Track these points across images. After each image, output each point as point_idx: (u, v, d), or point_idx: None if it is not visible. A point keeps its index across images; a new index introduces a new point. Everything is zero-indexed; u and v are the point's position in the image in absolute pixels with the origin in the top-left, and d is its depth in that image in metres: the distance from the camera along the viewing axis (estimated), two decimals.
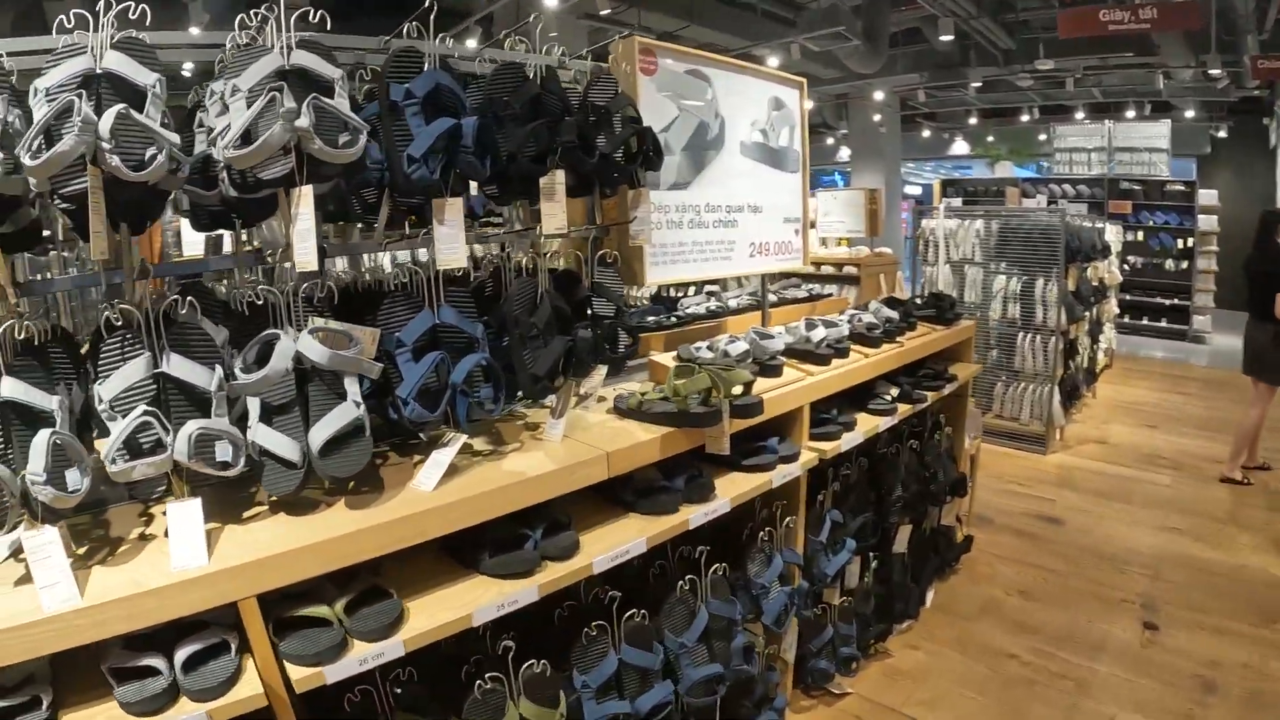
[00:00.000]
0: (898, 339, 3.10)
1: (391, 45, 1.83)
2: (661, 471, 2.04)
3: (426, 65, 1.72)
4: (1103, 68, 11.25)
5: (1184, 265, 10.75)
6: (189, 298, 1.48)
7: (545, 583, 1.66)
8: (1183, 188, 11.06)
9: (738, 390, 2.03)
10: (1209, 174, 13.44)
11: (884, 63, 11.16)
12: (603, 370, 2.12)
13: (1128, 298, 10.74)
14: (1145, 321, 11.06)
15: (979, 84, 12.35)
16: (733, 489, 2.16)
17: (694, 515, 2.00)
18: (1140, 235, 11.22)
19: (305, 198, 1.42)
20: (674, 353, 2.43)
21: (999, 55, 10.93)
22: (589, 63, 2.31)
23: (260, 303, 1.64)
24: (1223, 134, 13.96)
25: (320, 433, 1.48)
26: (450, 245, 1.65)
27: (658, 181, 2.45)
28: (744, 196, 2.85)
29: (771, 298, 3.70)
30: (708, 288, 3.71)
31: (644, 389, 2.17)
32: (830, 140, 19.55)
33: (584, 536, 1.83)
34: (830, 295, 4.58)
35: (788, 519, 2.40)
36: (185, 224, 2.34)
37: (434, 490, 1.58)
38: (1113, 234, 8.38)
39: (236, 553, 1.33)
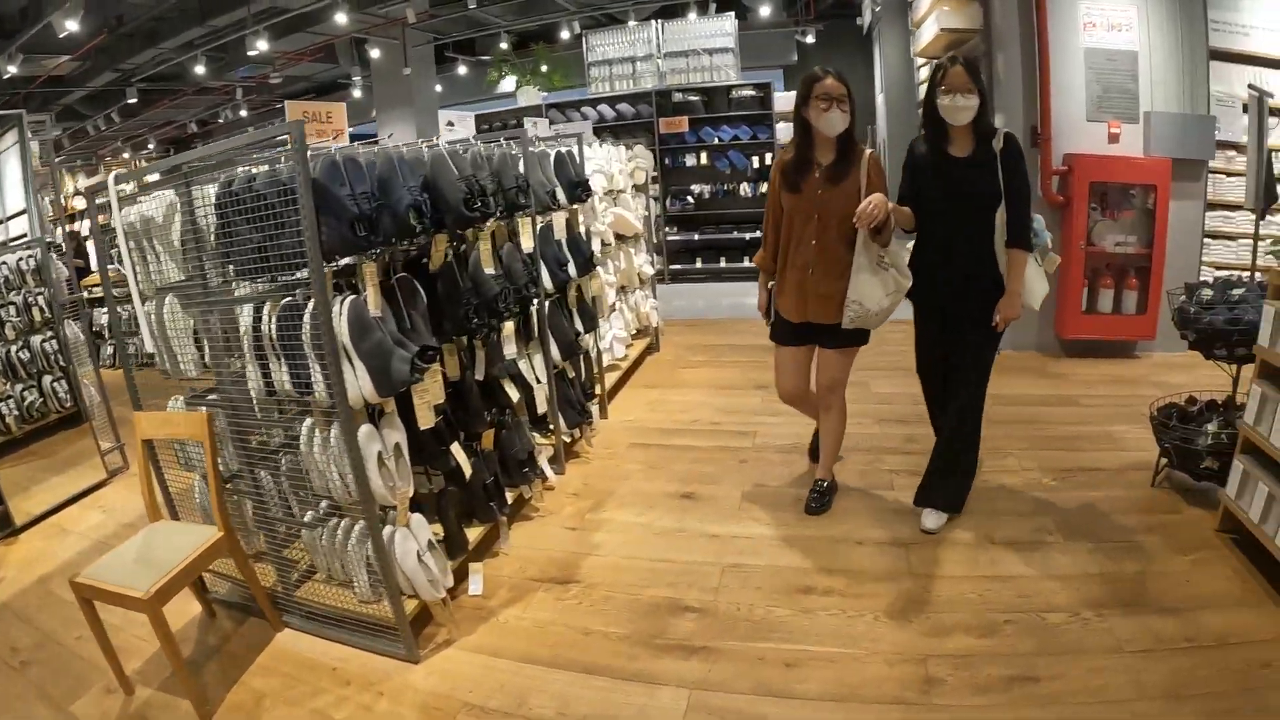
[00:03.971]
0: None
1: None
2: None
3: None
4: None
5: (763, 189, 9.36)
6: None
7: None
8: (754, 93, 9.57)
9: None
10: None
11: None
12: None
13: (695, 238, 9.89)
14: (723, 264, 9.80)
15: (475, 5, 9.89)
16: None
17: None
18: (704, 157, 9.60)
19: None
20: None
21: None
22: None
23: None
24: (811, 39, 12.81)
25: None
26: None
27: None
28: None
29: None
30: None
31: None
32: (358, 94, 16.68)
33: None
34: None
35: None
36: None
37: None
38: (618, 159, 5.68)
39: None
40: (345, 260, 2.80)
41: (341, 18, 10.09)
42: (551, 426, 4.25)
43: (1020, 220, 3.14)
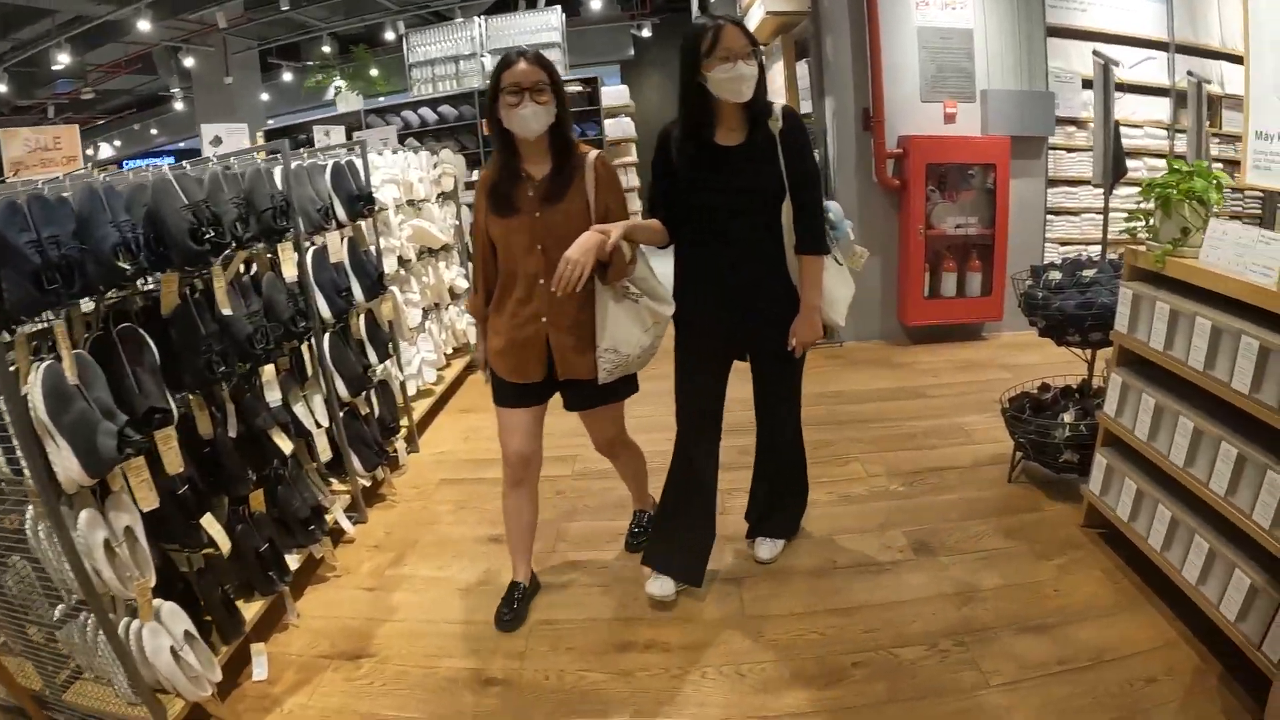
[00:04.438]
0: None
1: None
2: None
3: None
4: None
5: None
6: None
7: None
8: (580, 88, 9.08)
9: None
10: (636, 82, 11.86)
11: None
12: None
13: None
14: None
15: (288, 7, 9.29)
16: None
17: None
18: None
19: None
20: None
21: None
22: None
23: None
24: (647, 33, 12.56)
25: None
26: None
27: None
28: None
29: None
30: None
31: None
32: (180, 106, 15.73)
33: None
34: None
35: None
36: None
37: None
38: (418, 166, 5.09)
39: None
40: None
41: (145, 24, 9.35)
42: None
43: (810, 217, 2.49)
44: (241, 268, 3.13)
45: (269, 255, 3.23)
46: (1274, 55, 2.38)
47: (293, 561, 3.03)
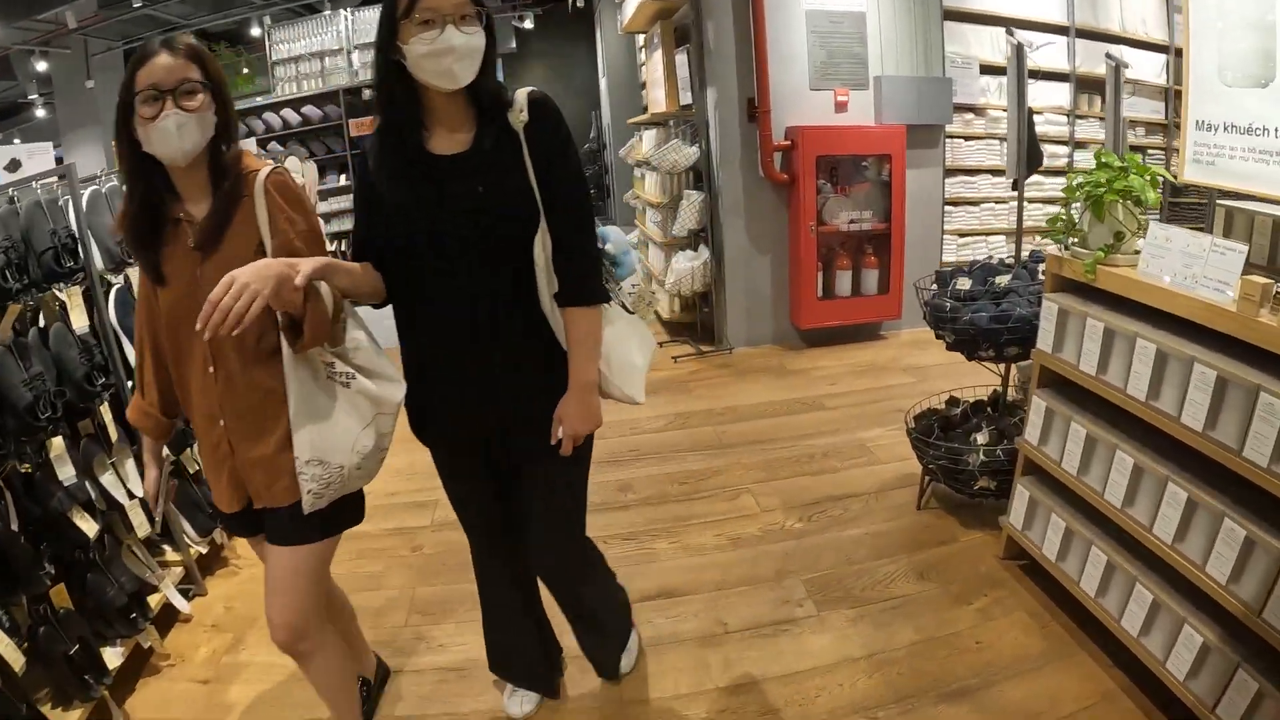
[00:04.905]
0: None
1: None
2: None
3: None
4: None
5: None
6: None
7: None
8: None
9: None
10: (519, 76, 11.39)
11: None
12: None
13: None
14: None
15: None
16: None
17: None
18: None
19: None
20: None
21: None
22: None
23: None
24: (529, 25, 12.01)
25: None
26: None
27: None
28: None
29: None
30: None
31: None
32: (42, 113, 14.64)
33: None
34: None
35: None
36: None
37: None
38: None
39: None
40: None
41: None
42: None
43: (574, 250, 1.71)
44: (42, 319, 2.61)
45: (59, 302, 2.71)
46: (1217, 36, 2.07)
47: (117, 655, 2.55)
